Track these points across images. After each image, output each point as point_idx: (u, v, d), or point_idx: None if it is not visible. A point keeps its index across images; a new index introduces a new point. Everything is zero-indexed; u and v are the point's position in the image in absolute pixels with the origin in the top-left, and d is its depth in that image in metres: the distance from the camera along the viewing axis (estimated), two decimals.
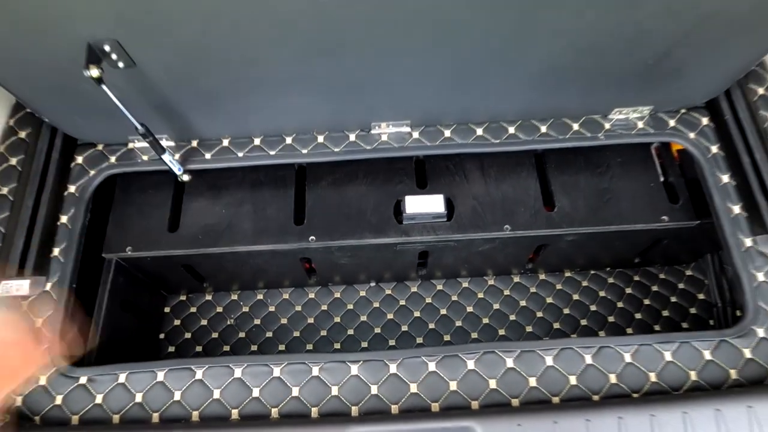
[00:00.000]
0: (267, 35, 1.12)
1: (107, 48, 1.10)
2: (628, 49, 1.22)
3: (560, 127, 1.52)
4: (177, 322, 1.83)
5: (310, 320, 1.83)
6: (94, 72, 1.08)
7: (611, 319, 1.80)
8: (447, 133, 1.52)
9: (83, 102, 1.28)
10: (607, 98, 1.45)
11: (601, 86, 1.38)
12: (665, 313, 1.80)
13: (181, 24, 1.07)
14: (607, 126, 1.52)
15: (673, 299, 1.82)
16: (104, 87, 1.11)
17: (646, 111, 1.51)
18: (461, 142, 1.51)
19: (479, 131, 1.52)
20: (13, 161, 1.50)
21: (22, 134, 1.53)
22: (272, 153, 1.51)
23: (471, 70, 1.26)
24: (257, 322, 1.83)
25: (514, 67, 1.27)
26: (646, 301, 1.82)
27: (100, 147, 1.53)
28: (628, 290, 1.84)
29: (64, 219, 1.44)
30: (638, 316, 1.80)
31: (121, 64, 1.14)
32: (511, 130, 1.52)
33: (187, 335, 1.81)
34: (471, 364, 1.25)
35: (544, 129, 1.52)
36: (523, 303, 1.83)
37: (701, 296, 1.81)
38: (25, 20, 1.03)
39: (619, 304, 1.82)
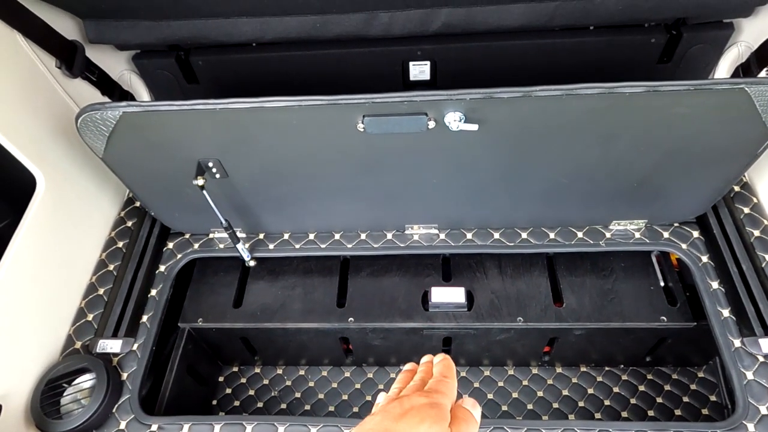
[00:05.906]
0: (326, 158, 1.49)
1: (210, 164, 1.49)
2: (612, 175, 1.51)
3: (566, 234, 1.78)
4: (228, 391, 2.07)
5: (345, 397, 2.03)
6: (200, 182, 1.46)
7: (624, 414, 1.90)
8: (469, 235, 1.81)
9: (184, 202, 1.67)
10: (605, 212, 1.71)
11: (596, 203, 1.65)
12: (678, 412, 1.89)
13: (264, 150, 1.46)
14: (607, 235, 1.77)
15: (686, 399, 1.91)
16: (205, 193, 1.49)
17: (641, 223, 1.76)
18: (481, 243, 1.79)
19: (496, 235, 1.80)
20: (120, 244, 1.89)
21: (129, 223, 1.94)
22: (323, 246, 1.83)
23: (483, 190, 1.58)
24: (297, 395, 2.05)
25: (519, 189, 1.58)
26: (659, 400, 1.92)
27: (187, 236, 1.91)
28: (642, 388, 1.95)
29: (153, 292, 1.79)
30: (651, 413, 1.90)
31: (218, 176, 1.53)
32: (524, 235, 1.79)
33: (236, 403, 2.04)
34: None
35: (552, 235, 1.78)
36: (540, 393, 1.98)
37: (713, 398, 1.90)
38: (156, 143, 1.43)
39: (633, 401, 1.93)
